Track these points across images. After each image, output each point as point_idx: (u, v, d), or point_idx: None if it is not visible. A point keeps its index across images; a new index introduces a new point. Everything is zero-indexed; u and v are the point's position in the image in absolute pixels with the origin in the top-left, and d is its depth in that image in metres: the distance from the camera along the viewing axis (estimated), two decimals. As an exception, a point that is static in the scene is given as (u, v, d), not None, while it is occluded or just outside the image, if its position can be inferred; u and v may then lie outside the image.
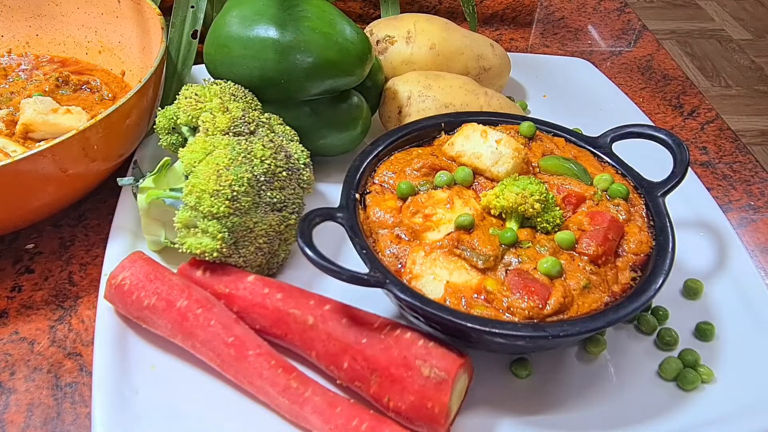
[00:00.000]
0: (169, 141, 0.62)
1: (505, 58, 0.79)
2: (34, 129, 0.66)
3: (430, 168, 0.58)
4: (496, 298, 0.47)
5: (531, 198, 0.50)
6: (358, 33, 0.64)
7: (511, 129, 0.61)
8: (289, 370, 0.49)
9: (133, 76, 0.76)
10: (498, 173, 0.56)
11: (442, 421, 0.45)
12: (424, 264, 0.50)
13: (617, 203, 0.54)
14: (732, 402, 0.51)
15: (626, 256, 0.51)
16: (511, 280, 0.48)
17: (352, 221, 0.52)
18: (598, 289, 0.49)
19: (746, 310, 0.58)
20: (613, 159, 0.59)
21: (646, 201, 0.55)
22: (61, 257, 0.63)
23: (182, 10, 0.72)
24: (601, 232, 0.50)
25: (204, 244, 0.52)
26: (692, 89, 0.89)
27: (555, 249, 0.50)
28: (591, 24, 1.04)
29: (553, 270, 0.48)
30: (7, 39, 0.79)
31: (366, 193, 0.57)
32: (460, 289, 0.48)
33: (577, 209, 0.54)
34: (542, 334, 0.45)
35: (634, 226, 0.53)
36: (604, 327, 0.47)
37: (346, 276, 0.47)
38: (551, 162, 0.57)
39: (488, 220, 0.53)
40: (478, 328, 0.45)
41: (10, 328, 0.57)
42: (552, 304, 0.47)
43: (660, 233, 0.53)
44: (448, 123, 0.62)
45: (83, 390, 0.52)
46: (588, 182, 0.56)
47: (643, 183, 0.57)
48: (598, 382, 0.53)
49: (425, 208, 0.54)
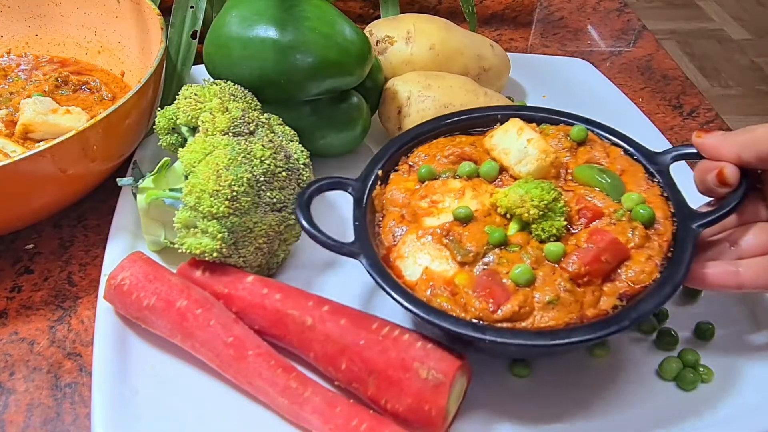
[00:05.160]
0: (168, 141, 0.62)
1: (504, 58, 0.79)
2: (33, 129, 0.66)
3: (459, 157, 0.56)
4: (459, 292, 0.47)
5: (530, 203, 0.49)
6: (358, 33, 0.64)
7: (563, 130, 0.58)
8: (289, 370, 0.49)
9: (132, 76, 0.76)
10: (519, 172, 0.54)
11: (440, 423, 0.45)
12: (412, 246, 0.50)
13: (635, 227, 0.50)
14: (732, 402, 0.51)
15: (619, 283, 0.48)
16: (479, 279, 0.48)
17: (360, 194, 0.53)
18: (565, 308, 0.46)
19: (746, 310, 0.58)
20: (664, 179, 0.54)
21: (676, 229, 0.50)
22: (60, 257, 0.63)
23: (182, 10, 0.72)
24: (593, 252, 0.48)
25: (203, 244, 0.52)
26: (692, 89, 0.89)
27: (539, 258, 0.49)
28: (591, 24, 1.04)
29: (522, 278, 0.47)
30: (7, 39, 0.79)
31: (394, 171, 0.57)
32: (434, 278, 0.48)
33: (591, 224, 0.51)
34: (478, 336, 0.45)
35: (643, 254, 0.49)
36: (528, 347, 0.46)
37: (321, 240, 0.50)
38: (585, 172, 0.54)
39: (493, 217, 0.52)
40: (418, 313, 0.46)
41: (10, 328, 0.57)
42: (504, 311, 0.46)
43: (672, 266, 0.48)
44: (504, 116, 0.59)
45: (83, 390, 0.53)
46: (616, 199, 0.52)
47: (684, 210, 0.51)
48: (598, 383, 0.53)
49: (435, 194, 0.53)
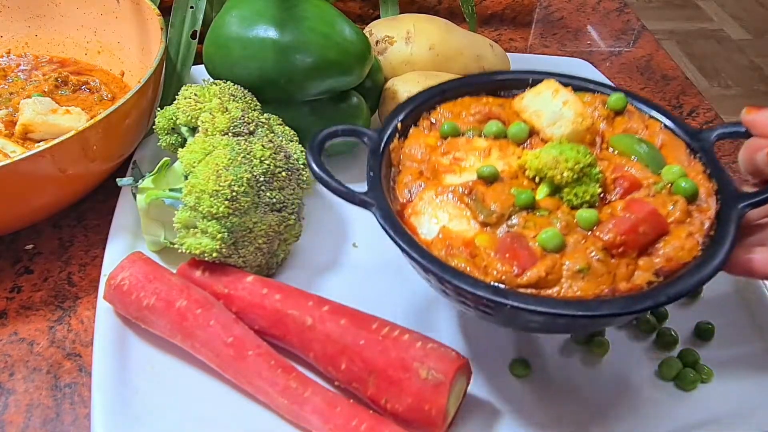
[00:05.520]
0: (168, 141, 0.62)
1: (504, 58, 0.78)
2: (33, 129, 0.66)
3: (485, 116, 0.53)
4: (479, 254, 0.44)
5: (564, 164, 0.45)
6: (358, 33, 0.64)
7: (600, 99, 0.54)
8: (289, 370, 0.49)
9: (132, 76, 0.76)
10: (552, 135, 0.50)
11: (440, 423, 0.45)
12: (429, 203, 0.47)
13: (676, 200, 0.46)
14: (732, 402, 0.51)
15: (656, 258, 0.44)
16: (503, 242, 0.44)
17: (376, 145, 0.50)
18: (596, 279, 0.42)
19: (746, 310, 0.58)
20: (707, 156, 0.50)
21: (719, 208, 0.47)
22: (60, 258, 0.63)
23: (181, 10, 0.72)
24: (631, 221, 0.44)
25: (203, 244, 0.52)
26: (691, 89, 0.89)
27: (570, 224, 0.45)
28: (590, 24, 1.04)
29: (551, 242, 0.43)
30: (6, 39, 0.79)
31: (415, 126, 0.54)
32: (452, 237, 0.45)
33: (627, 195, 0.47)
34: (500, 300, 0.41)
35: (684, 230, 0.45)
36: (571, 317, 0.41)
37: (332, 186, 0.47)
38: (623, 141, 0.50)
39: (520, 180, 0.48)
40: (434, 270, 0.42)
41: (9, 328, 0.57)
42: (530, 275, 0.42)
43: (713, 245, 0.44)
44: (535, 80, 0.55)
45: (83, 390, 0.52)
46: (656, 171, 0.49)
47: (729, 189, 0.47)
48: (597, 382, 0.53)
49: (458, 151, 0.50)
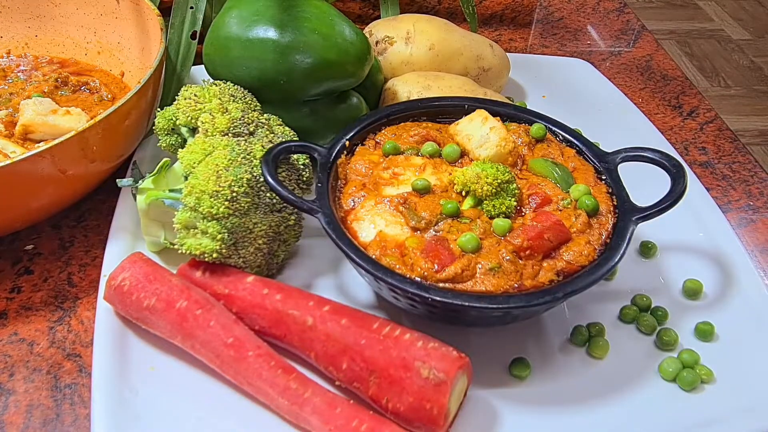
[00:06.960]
0: (168, 142, 0.62)
1: (504, 58, 0.79)
2: (33, 130, 0.66)
3: (424, 138, 0.60)
4: (408, 253, 0.50)
5: (485, 179, 0.53)
6: (358, 34, 0.64)
7: (524, 128, 0.61)
8: (289, 370, 0.49)
9: (132, 76, 0.76)
10: (479, 155, 0.58)
11: (441, 422, 0.45)
12: (369, 211, 0.54)
13: (579, 214, 0.53)
14: (732, 402, 0.51)
15: (558, 261, 0.51)
16: (428, 243, 0.51)
17: (325, 160, 0.56)
18: (506, 276, 0.49)
19: (746, 310, 0.58)
20: (611, 177, 0.57)
21: (616, 221, 0.54)
22: (60, 258, 0.63)
23: (181, 10, 0.72)
24: (537, 229, 0.51)
25: (203, 244, 0.52)
26: (691, 89, 0.89)
27: (487, 231, 0.52)
28: (590, 24, 1.04)
29: (468, 245, 0.50)
30: (6, 40, 0.79)
31: (361, 144, 0.60)
32: (387, 240, 0.51)
33: (539, 209, 0.54)
34: (421, 293, 0.47)
35: (583, 239, 0.52)
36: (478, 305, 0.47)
37: (283, 195, 0.52)
38: (539, 163, 0.58)
39: (449, 193, 0.55)
40: (367, 268, 0.49)
41: (10, 329, 0.57)
42: (448, 272, 0.49)
43: (608, 251, 0.51)
44: (470, 106, 0.63)
45: (83, 391, 0.52)
46: (566, 190, 0.56)
47: (625, 205, 0.54)
48: (598, 383, 0.53)
49: (397, 167, 0.57)
